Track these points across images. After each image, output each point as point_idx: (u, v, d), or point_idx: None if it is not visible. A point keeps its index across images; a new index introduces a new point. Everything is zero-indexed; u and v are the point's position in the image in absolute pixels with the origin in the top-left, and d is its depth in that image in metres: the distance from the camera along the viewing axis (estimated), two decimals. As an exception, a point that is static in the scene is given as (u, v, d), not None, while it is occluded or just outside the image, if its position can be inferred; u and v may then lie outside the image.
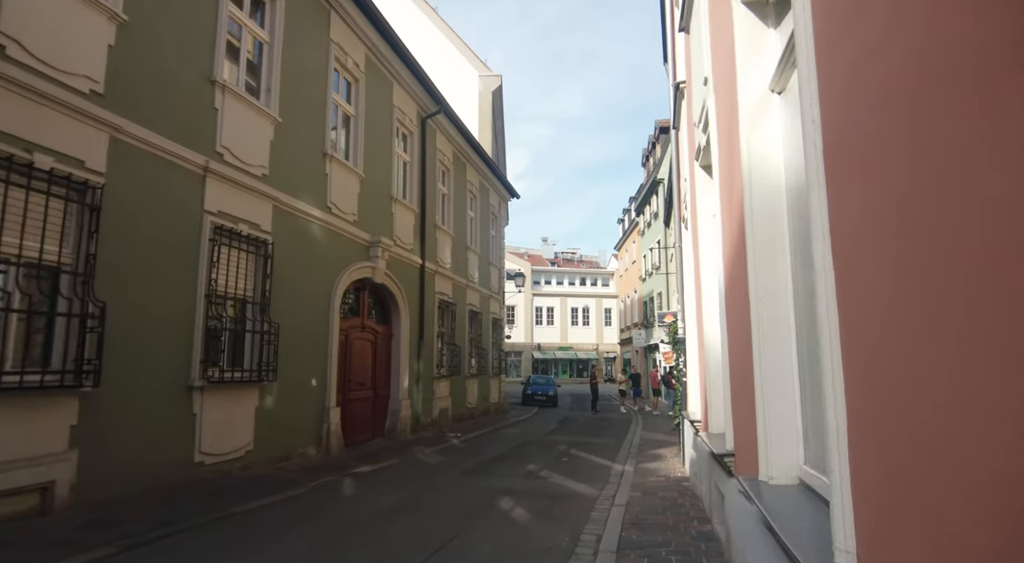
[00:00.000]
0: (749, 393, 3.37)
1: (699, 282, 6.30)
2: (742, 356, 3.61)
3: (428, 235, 14.48)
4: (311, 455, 9.21)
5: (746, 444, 3.60)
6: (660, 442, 12.44)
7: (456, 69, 23.32)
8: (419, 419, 13.47)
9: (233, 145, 7.81)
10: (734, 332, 3.95)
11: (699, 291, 6.47)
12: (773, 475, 2.84)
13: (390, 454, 10.07)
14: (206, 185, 7.31)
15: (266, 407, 8.24)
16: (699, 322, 6.74)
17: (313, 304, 9.54)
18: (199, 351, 7.05)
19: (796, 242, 2.91)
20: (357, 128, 11.35)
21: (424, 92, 14.08)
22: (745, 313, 3.38)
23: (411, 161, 13.94)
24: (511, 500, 6.69)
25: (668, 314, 18.34)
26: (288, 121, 9.02)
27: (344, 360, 10.76)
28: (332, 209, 10.18)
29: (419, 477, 8.14)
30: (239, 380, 7.64)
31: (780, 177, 3.01)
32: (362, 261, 11.11)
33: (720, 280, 4.43)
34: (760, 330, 2.97)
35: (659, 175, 28.85)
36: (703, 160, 5.55)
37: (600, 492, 7.18)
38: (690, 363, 8.15)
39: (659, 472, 8.54)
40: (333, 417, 9.76)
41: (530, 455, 10.59)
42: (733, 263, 3.85)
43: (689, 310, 8.08)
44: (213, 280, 7.30)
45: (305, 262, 9.33)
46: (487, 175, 20.09)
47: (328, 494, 6.96)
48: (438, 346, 15.05)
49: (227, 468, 7.46)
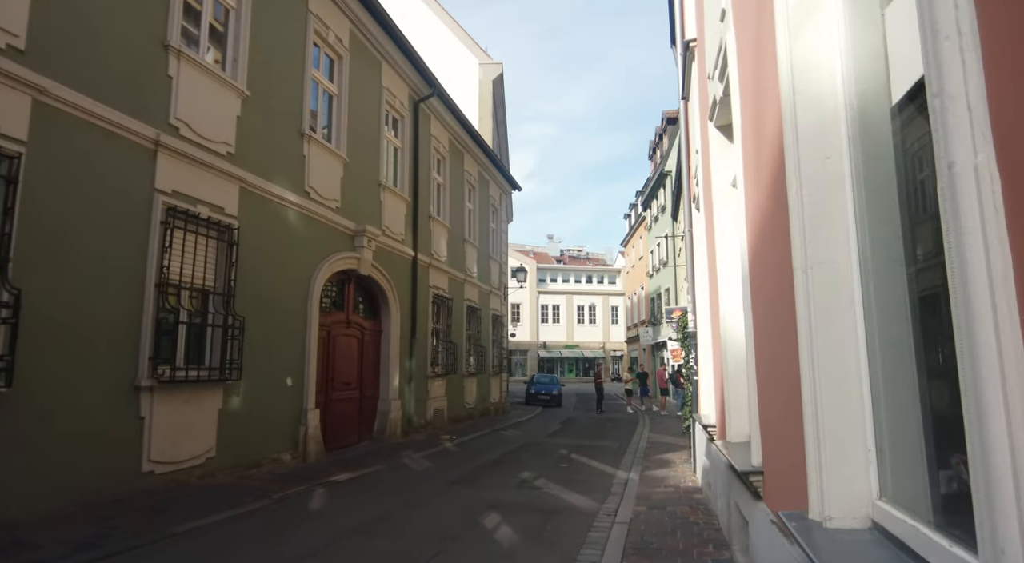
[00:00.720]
0: (789, 396, 2.53)
1: (714, 267, 5.44)
2: (777, 347, 2.76)
3: (421, 226, 13.66)
4: (285, 461, 8.41)
5: (784, 463, 2.75)
6: (668, 446, 11.57)
7: (455, 57, 22.50)
8: (411, 421, 12.66)
9: (191, 118, 7.01)
10: (764, 318, 3.10)
11: (714, 278, 5.61)
12: (831, 513, 2.00)
13: (375, 459, 9.27)
14: (157, 161, 6.51)
15: (231, 409, 7.45)
16: (714, 313, 5.88)
17: (288, 297, 8.74)
18: (148, 347, 6.26)
19: (865, 185, 2.06)
20: (340, 108, 10.54)
21: (416, 74, 13.25)
22: (783, 291, 2.53)
23: (402, 147, 13.13)
24: (498, 516, 5.86)
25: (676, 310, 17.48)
26: (259, 96, 8.22)
27: (326, 358, 9.95)
28: (311, 194, 9.37)
29: (400, 487, 7.32)
30: (198, 379, 6.84)
31: (837, 95, 2.16)
32: (345, 251, 10.30)
33: (743, 257, 3.58)
34: (810, 311, 2.13)
35: (666, 167, 27.93)
36: (719, 119, 4.69)
37: (600, 506, 6.34)
38: (702, 360, 7.28)
39: (667, 481, 7.69)
40: (311, 419, 8.96)
41: (527, 460, 9.76)
42: (763, 229, 3.00)
43: (701, 301, 7.22)
44: (165, 267, 6.50)
45: (278, 250, 8.53)
46: (487, 166, 19.25)
47: (293, 508, 6.16)
48: (432, 343, 14.23)
49: (183, 477, 6.67)
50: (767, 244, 2.92)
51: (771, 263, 2.84)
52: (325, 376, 9.94)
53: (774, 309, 2.80)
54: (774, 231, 2.70)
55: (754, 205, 3.24)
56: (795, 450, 2.45)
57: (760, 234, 3.10)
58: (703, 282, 7.01)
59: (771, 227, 2.79)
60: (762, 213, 3.01)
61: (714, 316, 5.74)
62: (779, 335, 2.68)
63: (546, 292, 55.42)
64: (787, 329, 2.47)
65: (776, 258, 2.70)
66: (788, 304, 2.43)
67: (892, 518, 1.84)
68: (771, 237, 2.79)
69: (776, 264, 2.71)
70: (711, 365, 6.33)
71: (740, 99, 3.44)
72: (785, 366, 2.55)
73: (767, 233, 2.90)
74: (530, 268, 52.74)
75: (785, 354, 2.55)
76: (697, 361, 7.90)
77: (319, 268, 9.46)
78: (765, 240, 2.96)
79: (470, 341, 17.13)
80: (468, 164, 17.55)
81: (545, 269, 56.92)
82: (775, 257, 2.72)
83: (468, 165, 17.55)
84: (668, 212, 27.04)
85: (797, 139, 2.20)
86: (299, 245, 9.03)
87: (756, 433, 3.38)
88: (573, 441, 12.72)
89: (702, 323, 7.22)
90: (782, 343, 2.61)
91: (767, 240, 2.91)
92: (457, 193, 16.55)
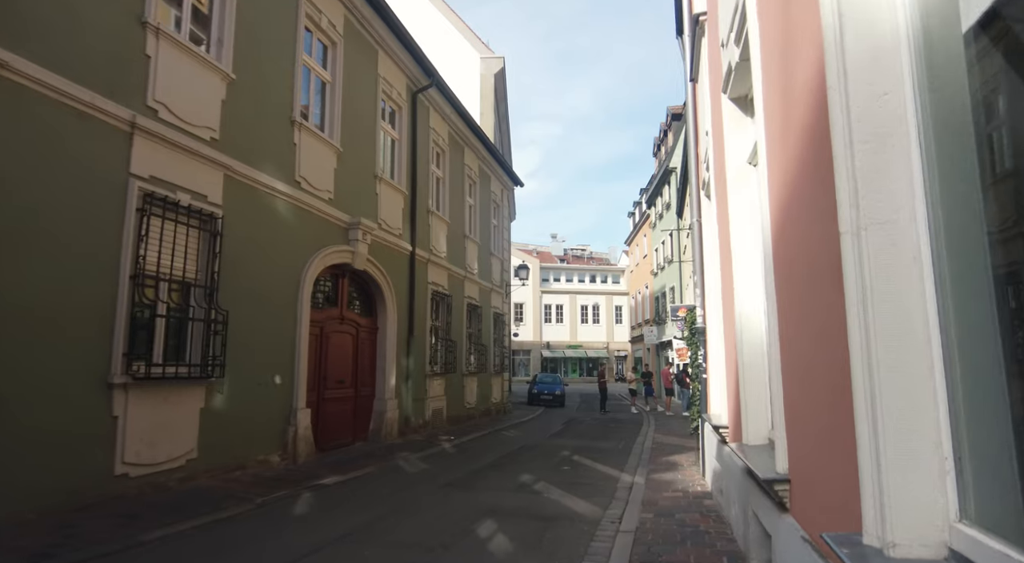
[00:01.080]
0: (829, 391, 2.11)
1: (727, 256, 5.02)
2: (813, 334, 2.35)
3: (420, 220, 13.26)
4: (273, 463, 8.02)
5: (819, 471, 2.33)
6: (675, 447, 11.14)
7: (457, 50, 22.12)
8: (409, 421, 12.26)
9: (171, 101, 6.63)
10: (794, 302, 2.68)
11: (727, 267, 5.19)
12: (895, 538, 1.58)
13: (368, 461, 8.87)
14: (133, 144, 6.13)
15: (214, 408, 7.06)
16: (726, 306, 5.46)
17: (277, 291, 8.35)
18: (121, 342, 5.87)
19: (933, 127, 1.65)
20: (334, 96, 10.15)
21: (414, 63, 12.86)
22: (821, 266, 2.12)
23: (400, 139, 12.73)
24: (494, 523, 5.45)
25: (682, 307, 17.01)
26: (246, 80, 7.83)
27: (318, 355, 9.57)
28: (301, 184, 8.98)
29: (392, 491, 6.92)
30: (176, 376, 6.45)
31: (897, 17, 1.74)
32: (339, 245, 9.91)
33: (765, 238, 3.16)
34: (863, 282, 1.72)
35: (671, 164, 27.47)
36: (734, 90, 4.27)
37: (604, 512, 5.93)
38: (712, 356, 6.86)
39: (675, 485, 7.26)
40: (301, 419, 8.57)
41: (527, 462, 9.35)
42: (793, 199, 2.59)
43: (711, 294, 6.80)
44: (142, 257, 6.12)
45: (267, 242, 8.14)
46: (488, 160, 18.84)
47: (275, 514, 5.76)
48: (431, 341, 13.83)
49: (161, 481, 6.29)
50: (798, 215, 2.51)
51: (804, 236, 2.43)
52: (317, 374, 9.55)
53: (809, 289, 2.38)
54: (809, 197, 2.29)
55: (780, 174, 2.82)
56: (836, 455, 2.04)
57: (788, 206, 2.69)
58: (713, 274, 6.59)
59: (804, 194, 2.38)
60: (791, 181, 2.60)
61: (727, 309, 5.32)
62: (816, 319, 2.27)
63: (549, 292, 54.99)
64: (828, 310, 2.06)
65: (811, 229, 2.28)
66: (828, 280, 2.02)
67: (977, 545, 1.43)
68: (805, 205, 2.38)
69: (811, 236, 2.30)
70: (722, 362, 5.91)
71: (762, 53, 3.03)
72: (825, 355, 2.14)
73: (798, 203, 2.49)
74: (533, 267, 52.32)
75: (825, 341, 2.13)
76: (706, 358, 7.48)
77: (310, 261, 9.07)
78: (795, 211, 2.55)
79: (470, 339, 16.72)
80: (469, 158, 17.15)
81: (548, 268, 56.48)
82: (810, 228, 2.30)
83: (469, 159, 17.15)
84: (673, 209, 26.59)
85: (844, 74, 1.79)
86: (289, 237, 8.64)
87: (781, 435, 2.97)
88: (575, 442, 12.30)
89: (712, 318, 6.80)
90: (820, 328, 2.20)
91: (798, 211, 2.49)
92: (457, 188, 16.15)
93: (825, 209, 2.00)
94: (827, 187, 1.94)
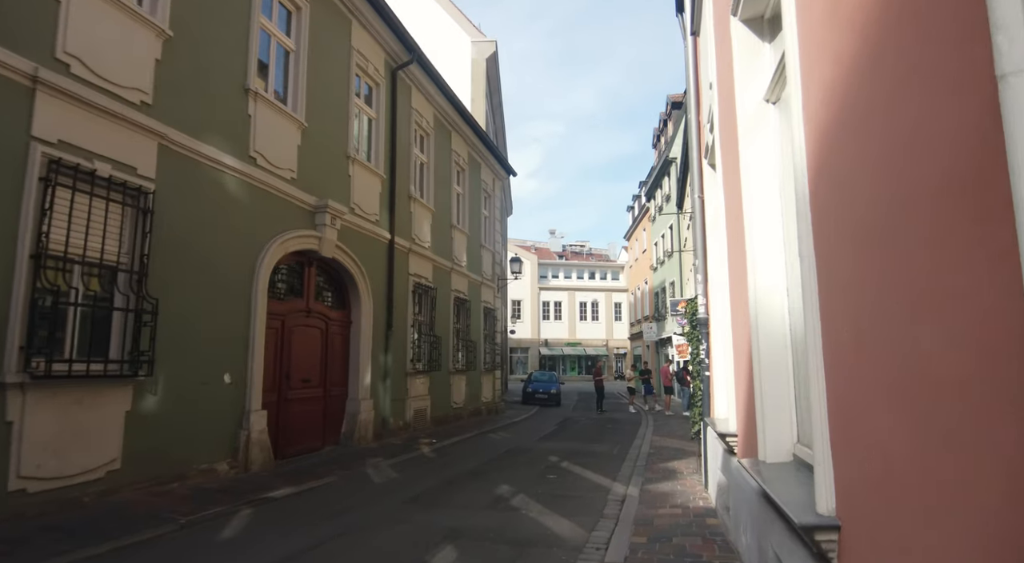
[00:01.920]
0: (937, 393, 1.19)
1: (737, 223, 4.10)
2: (904, 301, 1.42)
3: (400, 206, 12.33)
4: (220, 472, 7.10)
5: (906, 523, 1.41)
6: (674, 451, 10.22)
7: (446, 33, 21.18)
8: (386, 423, 11.34)
9: (88, 55, 5.70)
10: (857, 257, 1.76)
11: (738, 236, 4.26)
12: None
13: (331, 469, 7.96)
14: (36, 102, 5.21)
15: (145, 411, 6.15)
16: (735, 287, 4.54)
17: (226, 279, 7.42)
18: (18, 334, 4.96)
19: None
20: (298, 66, 9.21)
21: (393, 37, 11.91)
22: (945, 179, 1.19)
23: (378, 118, 11.79)
24: (454, 551, 4.53)
25: (682, 301, 16.09)
26: (187, 38, 6.90)
27: (279, 351, 8.65)
28: (257, 160, 8.05)
29: (347, 506, 6.01)
30: (90, 375, 5.53)
31: None
32: (303, 229, 8.98)
33: (800, 174, 2.24)
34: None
35: (671, 154, 26.52)
36: (746, 9, 3.33)
37: (588, 535, 5.01)
38: (716, 350, 5.94)
39: (673, 498, 6.35)
40: (255, 422, 7.65)
41: (510, 470, 8.43)
42: (846, 104, 1.66)
43: (716, 277, 5.88)
44: (45, 235, 5.20)
45: (214, 223, 7.22)
46: (478, 148, 17.89)
47: (197, 538, 4.85)
48: (413, 337, 12.91)
49: (73, 496, 5.37)
50: (870, 126, 1.59)
51: (888, 152, 1.50)
52: (278, 372, 8.64)
53: (896, 237, 1.46)
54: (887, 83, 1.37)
55: (827, 82, 1.90)
56: (944, 496, 1.12)
57: (846, 122, 1.77)
58: (718, 255, 5.67)
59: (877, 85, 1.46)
60: (853, 81, 1.68)
61: (736, 292, 4.39)
62: (917, 280, 1.35)
63: (548, 288, 54.05)
64: (955, 261, 1.14)
65: (914, 134, 1.36)
66: (955, 209, 1.10)
67: None
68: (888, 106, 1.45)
69: (915, 143, 1.38)
70: (729, 357, 4.99)
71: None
72: (938, 336, 1.22)
73: (863, 104, 1.57)
74: (531, 264, 51.36)
75: (936, 313, 1.21)
76: (709, 353, 6.56)
77: (268, 247, 8.14)
78: (866, 122, 1.63)
79: (458, 335, 15.80)
80: (456, 144, 16.20)
81: (547, 265, 55.53)
82: (909, 135, 1.38)
83: (456, 145, 16.20)
84: (673, 200, 25.65)
85: None
86: (242, 219, 7.71)
87: (824, 456, 2.05)
88: (567, 445, 11.38)
89: (716, 306, 5.87)
90: (922, 294, 1.28)
91: (872, 120, 1.57)
92: (444, 175, 15.21)
93: (953, 73, 1.07)
94: (954, 29, 1.02)
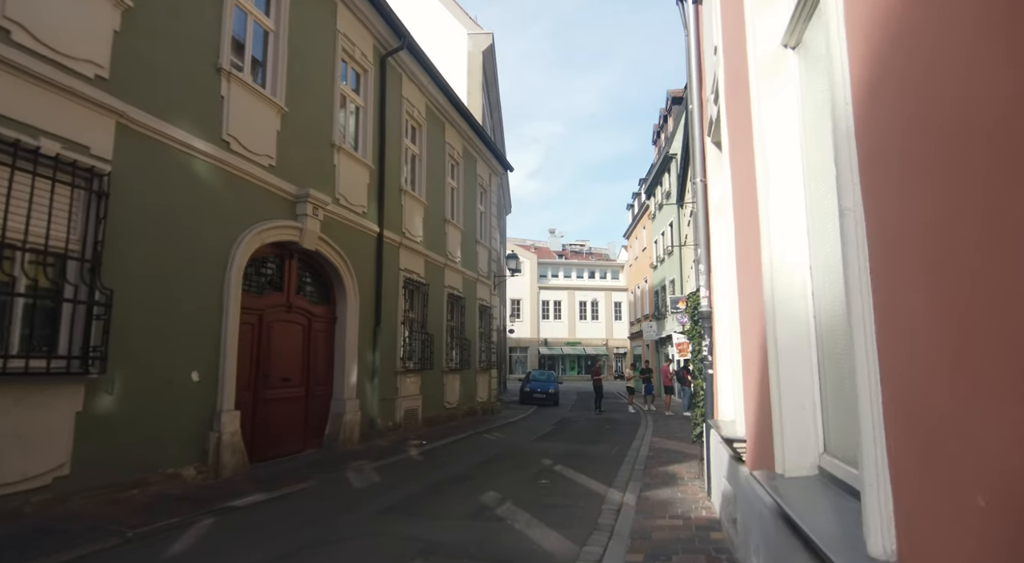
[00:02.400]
0: None
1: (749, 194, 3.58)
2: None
3: (389, 199, 11.82)
4: (187, 478, 6.60)
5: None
6: (674, 454, 9.71)
7: (442, 25, 20.71)
8: (374, 424, 10.84)
9: (32, 22, 5.20)
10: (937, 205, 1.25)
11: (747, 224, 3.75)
12: None
13: (310, 473, 7.47)
14: (-31, 71, 4.72)
15: (99, 412, 5.65)
16: (745, 270, 4.03)
17: (195, 270, 6.92)
18: (-55, 326, 4.47)
19: None
20: (278, 48, 8.71)
21: (382, 22, 11.41)
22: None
23: (366, 106, 11.29)
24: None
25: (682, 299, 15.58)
26: (148, 10, 6.40)
27: (255, 348, 8.14)
28: (231, 144, 7.55)
29: (318, 516, 5.51)
30: (34, 372, 5.04)
31: None
32: (283, 219, 8.48)
33: (845, 102, 1.73)
34: None
35: (672, 150, 26.00)
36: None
37: (580, 550, 4.50)
38: (720, 346, 5.43)
39: (673, 507, 5.84)
40: (227, 424, 7.14)
41: (499, 475, 7.92)
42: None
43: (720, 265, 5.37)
44: (-21, 217, 4.71)
45: (179, 210, 6.71)
46: (473, 141, 17.38)
47: (142, 554, 4.35)
48: (404, 335, 12.40)
49: (12, 506, 4.87)
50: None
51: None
52: (254, 371, 8.14)
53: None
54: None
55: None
56: None
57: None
58: (724, 242, 5.16)
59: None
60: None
61: (745, 280, 3.88)
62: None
63: (547, 287, 53.55)
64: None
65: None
66: None
67: None
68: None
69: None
70: (736, 352, 4.48)
71: None
72: None
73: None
74: (531, 263, 50.85)
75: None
76: (712, 349, 6.04)
77: (242, 237, 7.64)
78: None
79: (452, 333, 15.30)
80: (451, 136, 15.70)
81: (546, 264, 55.02)
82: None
83: (451, 138, 15.70)
84: (673, 197, 25.15)
85: None
86: (213, 206, 7.21)
87: (875, 476, 1.54)
88: (563, 447, 10.87)
89: (722, 298, 5.36)
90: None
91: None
92: (437, 168, 14.71)
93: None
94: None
